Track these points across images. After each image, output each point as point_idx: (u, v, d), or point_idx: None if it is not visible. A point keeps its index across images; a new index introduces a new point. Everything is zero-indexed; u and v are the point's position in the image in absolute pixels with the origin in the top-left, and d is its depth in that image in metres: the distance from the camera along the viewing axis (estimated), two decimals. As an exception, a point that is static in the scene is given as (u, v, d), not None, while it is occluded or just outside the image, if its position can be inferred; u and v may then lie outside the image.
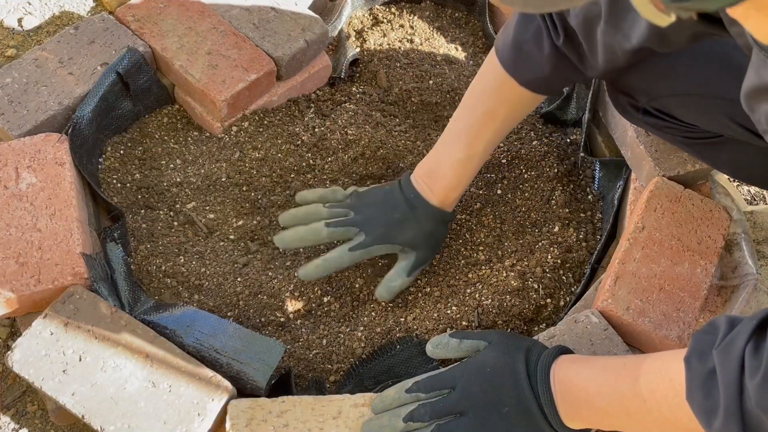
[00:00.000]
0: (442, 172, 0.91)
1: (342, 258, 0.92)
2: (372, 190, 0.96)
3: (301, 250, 1.01)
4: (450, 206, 0.94)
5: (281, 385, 0.84)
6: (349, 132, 1.09)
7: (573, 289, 0.98)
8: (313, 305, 0.97)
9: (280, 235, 0.95)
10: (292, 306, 0.96)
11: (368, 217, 0.93)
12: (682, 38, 0.67)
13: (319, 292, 0.97)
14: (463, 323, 0.92)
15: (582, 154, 1.09)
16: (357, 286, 0.99)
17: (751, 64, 0.53)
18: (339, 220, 0.93)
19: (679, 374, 0.59)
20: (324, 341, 0.93)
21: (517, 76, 0.84)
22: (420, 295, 0.98)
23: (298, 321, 0.95)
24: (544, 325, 0.95)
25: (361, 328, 0.95)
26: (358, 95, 1.16)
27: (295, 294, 0.97)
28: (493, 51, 0.86)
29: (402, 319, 0.94)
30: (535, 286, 0.98)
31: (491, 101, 0.88)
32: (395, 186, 0.95)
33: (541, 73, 0.83)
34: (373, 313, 0.96)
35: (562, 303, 0.97)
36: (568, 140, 1.14)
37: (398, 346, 0.88)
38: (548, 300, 0.97)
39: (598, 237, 1.03)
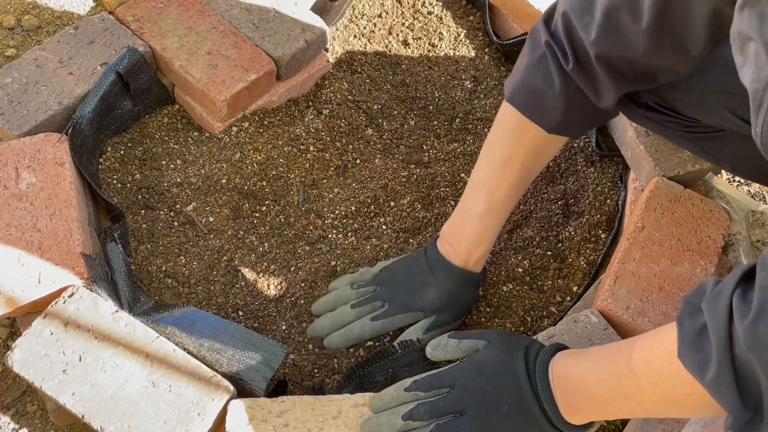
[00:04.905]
0: (464, 230, 0.88)
1: (363, 328, 0.90)
2: (399, 261, 0.95)
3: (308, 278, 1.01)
4: (475, 266, 0.89)
5: (279, 392, 0.84)
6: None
7: (573, 289, 0.98)
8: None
9: (312, 325, 0.93)
10: (294, 309, 0.96)
11: (392, 289, 0.91)
12: (698, 21, 0.64)
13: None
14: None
15: (595, 150, 1.09)
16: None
17: None
18: (364, 298, 0.92)
19: (672, 342, 0.59)
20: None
21: (532, 117, 0.80)
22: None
23: (300, 324, 0.95)
24: (544, 323, 0.95)
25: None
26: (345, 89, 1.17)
27: (297, 295, 0.97)
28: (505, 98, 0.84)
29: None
30: (536, 284, 0.98)
31: (507, 148, 0.84)
32: (421, 252, 0.93)
33: (556, 112, 0.79)
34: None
35: (562, 303, 0.97)
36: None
37: (399, 350, 0.88)
38: (548, 299, 0.98)
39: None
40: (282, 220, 1.04)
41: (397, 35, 1.26)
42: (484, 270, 0.92)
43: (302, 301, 0.97)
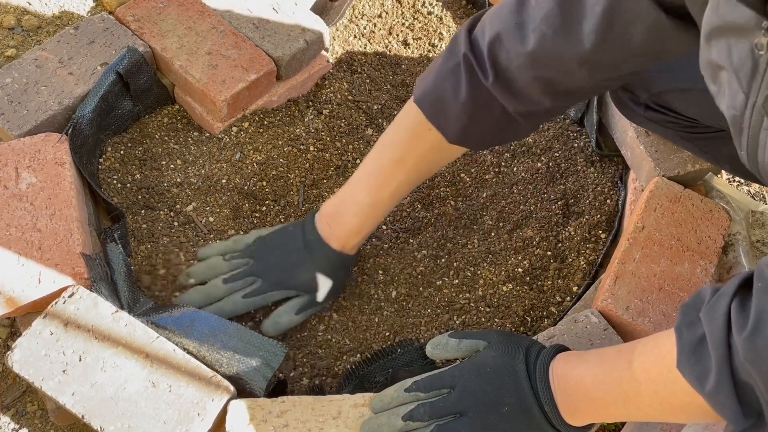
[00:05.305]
0: (346, 216, 0.89)
1: (236, 305, 0.89)
2: (274, 234, 0.94)
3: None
4: (352, 250, 0.91)
5: (279, 392, 0.84)
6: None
7: (573, 289, 0.98)
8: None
9: (182, 296, 0.91)
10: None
11: (266, 264, 0.91)
12: (636, 34, 0.64)
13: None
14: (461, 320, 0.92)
15: (595, 149, 1.09)
16: (372, 292, 0.99)
17: (712, 5, 0.52)
18: (237, 273, 0.91)
19: (672, 349, 0.59)
20: (330, 339, 0.93)
21: (435, 123, 0.80)
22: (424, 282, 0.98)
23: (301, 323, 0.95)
24: (544, 323, 0.95)
25: (360, 336, 0.95)
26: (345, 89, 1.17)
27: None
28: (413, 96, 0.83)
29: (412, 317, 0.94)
30: (536, 284, 0.98)
31: (402, 149, 0.84)
32: (298, 227, 0.92)
33: (458, 122, 0.78)
34: (376, 318, 0.96)
35: (562, 303, 0.97)
36: (568, 138, 1.14)
37: (399, 350, 0.88)
38: (548, 299, 0.98)
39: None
40: (282, 220, 1.04)
41: (397, 35, 1.26)
42: (357, 252, 0.93)
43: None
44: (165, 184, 1.03)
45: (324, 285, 0.91)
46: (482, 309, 0.96)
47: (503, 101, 0.76)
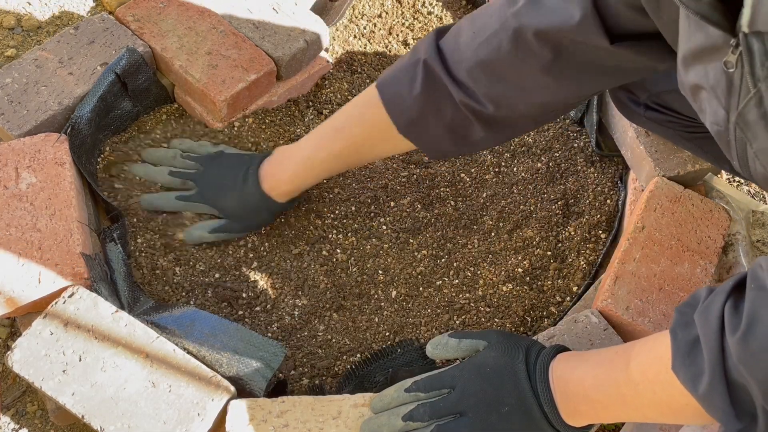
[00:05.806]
0: (287, 162, 0.94)
1: (168, 202, 0.97)
2: (231, 155, 1.00)
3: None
4: (279, 197, 0.96)
5: (279, 392, 0.84)
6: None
7: (573, 289, 0.98)
8: (318, 306, 0.97)
9: (134, 166, 1.00)
10: (295, 308, 0.96)
11: (208, 177, 0.98)
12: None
13: (327, 293, 0.98)
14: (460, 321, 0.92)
15: (595, 149, 1.09)
16: (372, 292, 0.99)
17: (683, 31, 0.55)
18: (181, 171, 0.98)
19: (668, 351, 0.59)
20: (330, 339, 0.93)
21: (387, 109, 0.82)
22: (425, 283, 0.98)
23: (301, 323, 0.96)
24: (544, 323, 0.95)
25: (361, 334, 0.95)
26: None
27: (299, 294, 0.97)
28: None
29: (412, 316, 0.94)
30: (536, 284, 0.98)
31: (349, 117, 0.89)
32: (249, 159, 0.97)
33: (409, 113, 0.81)
34: (376, 318, 0.96)
35: (562, 303, 0.97)
36: (568, 138, 1.14)
37: (399, 350, 0.88)
38: (548, 299, 0.98)
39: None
40: (282, 220, 1.04)
41: (397, 35, 1.26)
42: (290, 202, 0.98)
43: (304, 301, 0.97)
44: (165, 184, 1.03)
45: (243, 217, 0.97)
46: (482, 309, 0.97)
47: (459, 99, 0.77)
